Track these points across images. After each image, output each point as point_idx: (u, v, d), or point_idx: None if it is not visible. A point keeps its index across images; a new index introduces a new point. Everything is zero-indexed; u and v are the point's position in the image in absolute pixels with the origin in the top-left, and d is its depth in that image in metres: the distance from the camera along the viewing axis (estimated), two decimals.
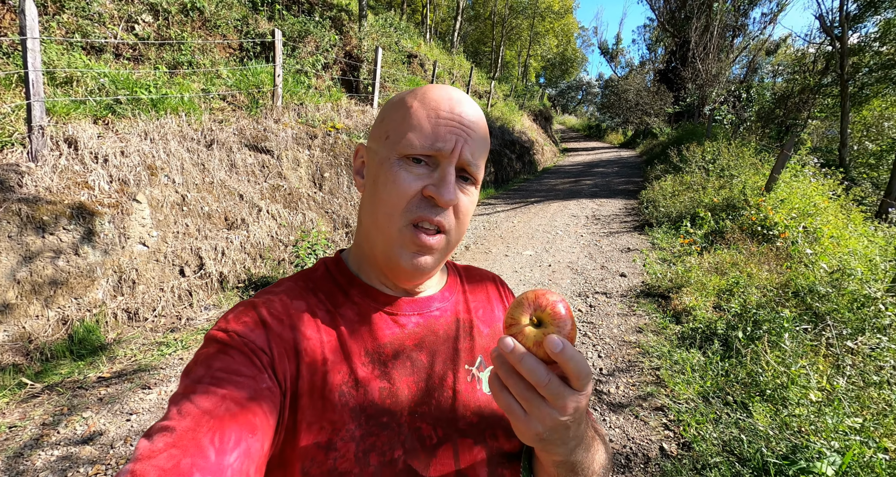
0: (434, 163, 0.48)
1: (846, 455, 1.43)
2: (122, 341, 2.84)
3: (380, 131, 0.51)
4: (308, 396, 0.46)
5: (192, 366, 0.43)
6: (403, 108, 0.49)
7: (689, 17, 14.98)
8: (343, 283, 0.55)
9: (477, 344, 0.57)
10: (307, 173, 4.79)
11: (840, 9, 9.83)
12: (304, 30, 6.00)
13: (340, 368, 0.48)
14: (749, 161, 6.80)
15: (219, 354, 0.43)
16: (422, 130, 0.47)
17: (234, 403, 0.39)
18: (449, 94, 0.50)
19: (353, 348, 0.50)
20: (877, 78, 10.48)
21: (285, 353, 0.46)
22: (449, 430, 0.50)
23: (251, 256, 3.83)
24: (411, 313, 0.54)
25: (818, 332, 2.43)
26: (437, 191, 0.47)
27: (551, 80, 38.31)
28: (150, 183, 3.32)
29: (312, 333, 0.49)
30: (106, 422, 2.10)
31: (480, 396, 0.54)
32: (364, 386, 0.48)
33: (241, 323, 0.46)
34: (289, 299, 0.51)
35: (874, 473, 1.43)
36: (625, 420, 2.12)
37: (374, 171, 0.51)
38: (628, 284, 3.88)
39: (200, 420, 0.37)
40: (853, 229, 4.44)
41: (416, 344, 0.53)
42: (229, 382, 0.41)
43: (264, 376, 0.43)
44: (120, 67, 3.91)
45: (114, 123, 3.36)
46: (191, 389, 0.40)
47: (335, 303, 0.53)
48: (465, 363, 0.55)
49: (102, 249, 2.93)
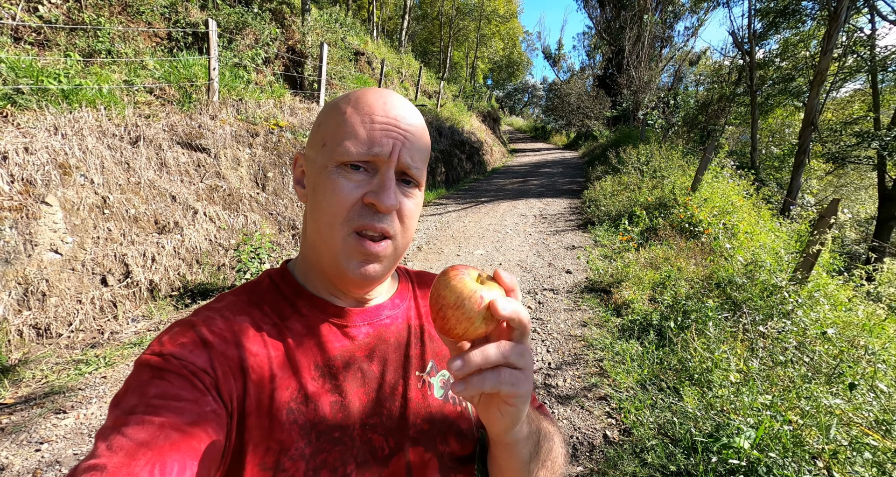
0: (373, 168, 0.47)
1: (759, 429, 1.60)
2: (29, 361, 2.52)
3: (316, 139, 0.50)
4: (255, 416, 0.44)
5: (122, 395, 0.40)
6: (338, 115, 0.48)
7: (623, 27, 16.02)
8: (289, 294, 0.53)
9: (428, 349, 0.57)
10: (248, 173, 4.53)
11: (749, 26, 10.99)
12: (241, 21, 5.66)
13: (289, 383, 0.46)
14: (677, 163, 7.41)
15: (153, 379, 0.40)
16: (357, 136, 0.46)
17: (174, 430, 0.36)
18: (383, 98, 0.49)
19: (302, 362, 0.48)
20: (778, 89, 11.86)
21: (230, 371, 0.44)
22: (400, 439, 0.50)
23: (186, 261, 3.56)
24: (361, 323, 0.53)
25: (736, 319, 2.70)
26: (378, 197, 0.46)
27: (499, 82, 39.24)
28: (62, 183, 2.97)
29: (258, 348, 0.46)
30: (9, 454, 1.85)
31: (432, 402, 0.54)
32: (314, 401, 0.47)
33: (177, 344, 0.43)
34: (231, 315, 0.48)
35: (781, 442, 1.62)
36: (572, 411, 2.23)
37: (313, 181, 0.49)
38: (573, 280, 4.08)
39: (136, 453, 0.34)
40: (763, 225, 4.99)
41: (366, 354, 0.52)
42: (167, 409, 0.38)
43: (208, 399, 0.40)
44: (20, 53, 3.45)
45: (14, 116, 2.96)
46: (121, 420, 0.37)
47: (282, 315, 0.50)
48: (415, 369, 0.55)
49: (3, 258, 2.58)
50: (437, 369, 0.57)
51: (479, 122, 16.43)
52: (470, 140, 12.77)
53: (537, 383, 2.47)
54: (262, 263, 3.58)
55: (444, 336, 0.40)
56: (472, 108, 17.19)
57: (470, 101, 17.94)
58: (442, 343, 0.59)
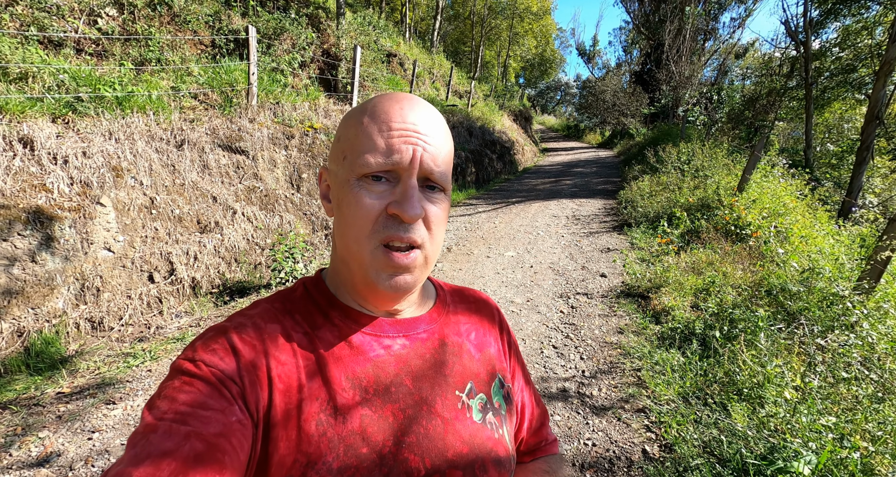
0: (394, 178, 0.45)
1: (822, 454, 1.46)
2: (84, 353, 2.68)
3: (337, 152, 0.49)
4: (282, 427, 0.42)
5: (156, 400, 0.40)
6: (356, 126, 0.47)
7: (663, 21, 15.36)
8: (323, 303, 0.51)
9: (468, 369, 0.54)
10: (284, 174, 4.66)
11: (804, 14, 10.25)
12: (279, 27, 5.83)
13: (318, 394, 0.45)
14: (722, 162, 7.01)
15: (184, 385, 0.41)
16: (376, 147, 0.44)
17: (198, 440, 0.36)
18: (399, 103, 0.46)
19: (333, 374, 0.46)
20: (837, 82, 10.99)
21: (257, 381, 0.43)
22: (438, 461, 0.47)
23: (226, 260, 3.70)
24: (396, 335, 0.51)
25: (791, 330, 2.50)
26: (401, 207, 0.44)
27: (531, 81, 38.69)
28: (115, 185, 3.16)
29: (287, 357, 0.45)
30: (65, 441, 1.97)
31: (470, 425, 0.51)
32: (343, 414, 0.45)
33: (209, 351, 0.43)
34: (263, 323, 0.48)
35: (848, 470, 1.47)
36: (608, 423, 2.13)
37: (337, 195, 0.48)
38: (609, 284, 3.92)
39: (160, 463, 0.34)
40: (820, 228, 4.62)
41: (401, 368, 0.50)
42: (194, 417, 0.38)
43: (234, 408, 0.40)
44: (81, 63, 3.70)
45: (74, 122, 3.17)
46: (151, 427, 0.37)
47: (313, 325, 0.49)
48: (454, 389, 0.52)
49: (63, 255, 2.76)
50: (475, 391, 0.53)
51: (510, 121, 16.24)
52: (501, 140, 12.64)
53: (570, 391, 2.38)
54: (295, 262, 3.66)
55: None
56: (504, 107, 17.02)
57: (501, 101, 17.76)
58: (481, 365, 0.56)
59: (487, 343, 0.59)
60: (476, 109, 12.56)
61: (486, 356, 0.58)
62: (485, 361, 0.57)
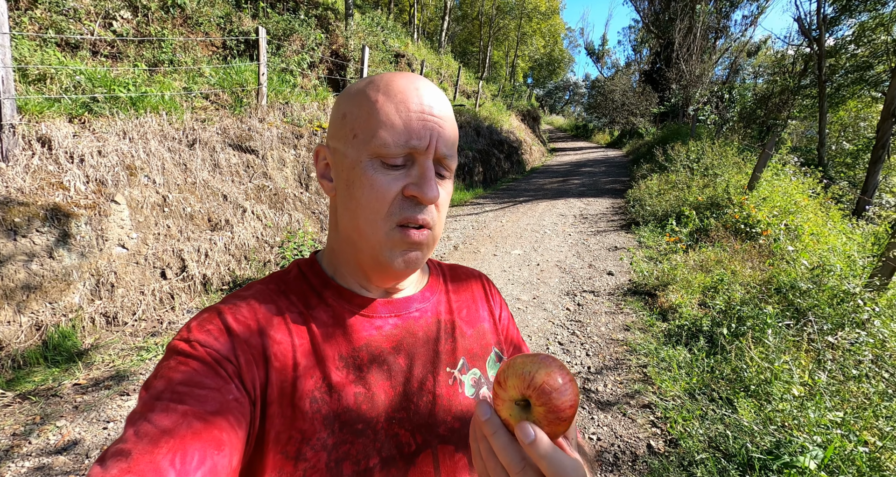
0: (409, 160, 0.46)
1: (828, 449, 1.45)
2: (99, 347, 2.75)
3: (343, 130, 0.48)
4: (277, 404, 0.43)
5: (152, 380, 0.41)
6: (367, 103, 0.46)
7: (673, 19, 15.22)
8: (317, 284, 0.52)
9: (459, 345, 0.55)
10: (293, 173, 4.72)
11: (818, 11, 10.09)
12: (288, 28, 5.91)
13: (313, 372, 0.46)
14: (732, 160, 6.93)
15: (180, 365, 0.41)
16: (394, 127, 0.44)
17: (196, 418, 0.37)
18: (414, 84, 0.47)
19: (327, 352, 0.47)
20: (852, 79, 10.79)
21: (253, 360, 0.44)
22: (429, 436, 0.49)
23: (236, 257, 3.76)
24: (388, 315, 0.52)
25: (800, 327, 2.47)
26: (420, 189, 0.45)
27: (539, 81, 38.56)
28: (129, 183, 3.23)
29: (283, 336, 0.46)
30: (81, 430, 2.02)
31: (462, 400, 0.52)
32: (338, 391, 0.46)
33: (203, 331, 0.44)
34: (257, 303, 0.48)
35: (855, 465, 1.45)
36: (613, 418, 2.13)
37: (345, 175, 0.48)
38: (616, 282, 3.91)
39: (159, 441, 0.35)
40: (832, 227, 4.54)
41: (393, 347, 0.51)
42: (191, 397, 0.38)
43: (231, 387, 0.41)
44: (97, 65, 3.79)
45: (90, 122, 3.25)
46: (149, 406, 0.38)
47: (308, 305, 0.50)
48: (446, 366, 0.53)
49: (79, 251, 2.84)
50: (468, 367, 0.55)
51: (518, 121, 16.21)
52: (508, 139, 12.62)
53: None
54: None
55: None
56: (512, 107, 16.99)
57: (509, 101, 17.73)
58: (474, 340, 0.57)
59: (480, 318, 0.60)
60: (484, 109, 12.57)
61: (478, 331, 0.58)
62: (478, 336, 0.58)
